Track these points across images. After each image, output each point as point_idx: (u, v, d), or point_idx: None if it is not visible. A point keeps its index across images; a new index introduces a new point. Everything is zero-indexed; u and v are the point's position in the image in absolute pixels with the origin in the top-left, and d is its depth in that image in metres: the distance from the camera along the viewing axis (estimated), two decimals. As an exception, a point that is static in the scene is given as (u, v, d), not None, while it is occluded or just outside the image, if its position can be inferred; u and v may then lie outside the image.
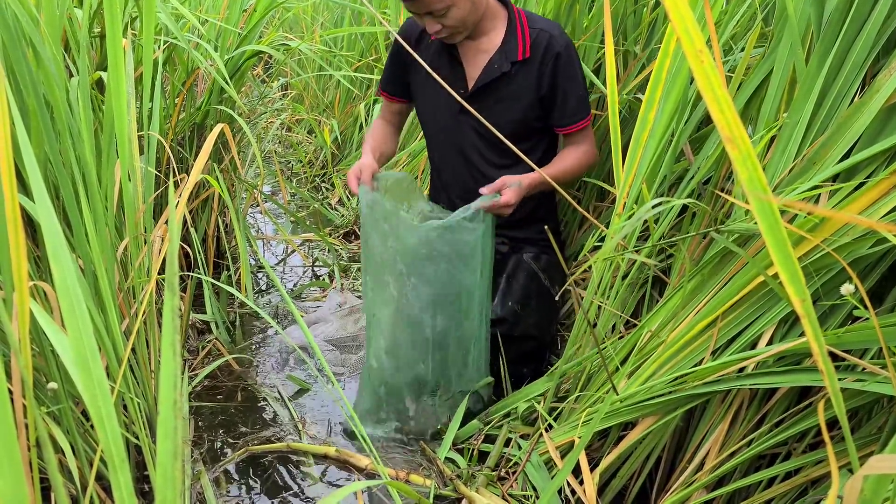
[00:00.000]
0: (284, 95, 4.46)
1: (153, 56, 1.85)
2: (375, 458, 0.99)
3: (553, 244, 1.25)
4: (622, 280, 1.43)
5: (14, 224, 0.68)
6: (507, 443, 1.50)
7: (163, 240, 1.55)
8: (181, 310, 1.80)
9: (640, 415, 1.28)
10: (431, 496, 1.39)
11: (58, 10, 1.28)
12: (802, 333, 1.10)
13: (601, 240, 1.45)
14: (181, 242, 1.99)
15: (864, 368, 1.00)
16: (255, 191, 2.52)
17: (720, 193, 1.29)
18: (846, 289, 0.85)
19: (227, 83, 1.91)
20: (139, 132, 1.51)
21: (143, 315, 1.34)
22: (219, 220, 2.28)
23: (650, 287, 1.52)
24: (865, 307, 0.88)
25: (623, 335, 1.48)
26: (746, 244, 1.18)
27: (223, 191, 1.83)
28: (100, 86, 1.79)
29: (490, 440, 1.55)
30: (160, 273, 1.44)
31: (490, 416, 1.60)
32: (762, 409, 1.20)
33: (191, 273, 1.93)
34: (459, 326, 1.54)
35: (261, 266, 2.50)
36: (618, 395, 1.29)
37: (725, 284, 1.22)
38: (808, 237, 1.05)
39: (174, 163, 1.83)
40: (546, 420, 1.45)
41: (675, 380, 1.22)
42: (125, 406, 1.29)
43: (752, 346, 1.16)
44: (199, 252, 1.81)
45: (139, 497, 1.36)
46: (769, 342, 1.14)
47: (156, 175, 1.63)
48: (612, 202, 1.83)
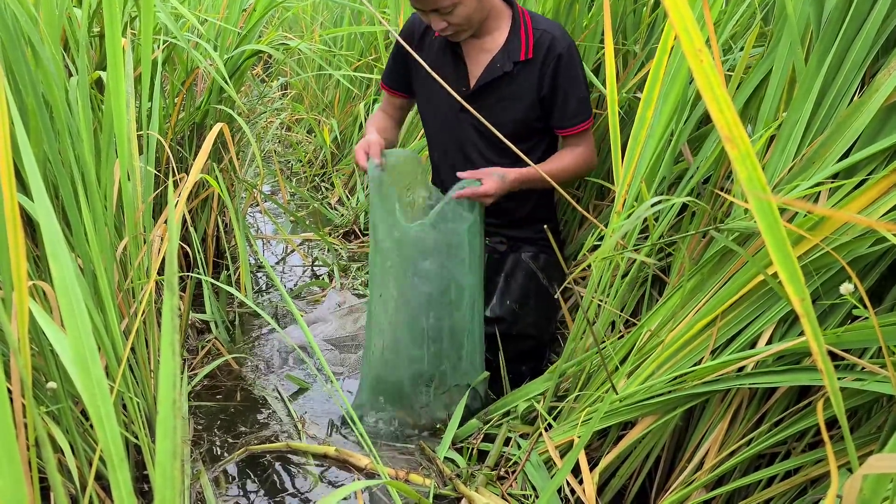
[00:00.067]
0: (284, 95, 4.46)
1: (153, 56, 1.85)
2: (375, 458, 0.99)
3: (552, 243, 1.25)
4: (622, 279, 1.43)
5: (13, 223, 0.68)
6: (507, 442, 1.50)
7: (162, 239, 1.55)
8: (180, 309, 1.80)
9: (640, 414, 1.28)
10: (431, 496, 1.39)
11: (57, 10, 1.28)
12: (802, 333, 1.10)
13: (601, 239, 1.45)
14: (181, 242, 1.99)
15: (864, 368, 1.00)
16: (255, 190, 2.52)
17: (720, 193, 1.29)
18: (845, 288, 0.85)
19: (227, 83, 1.91)
20: (138, 132, 1.51)
21: (143, 314, 1.34)
22: (218, 220, 2.28)
23: (650, 286, 1.52)
24: (865, 306, 0.88)
25: (623, 334, 1.48)
26: (746, 243, 1.18)
27: (222, 190, 1.83)
28: (99, 85, 1.79)
29: (489, 439, 1.55)
30: (159, 273, 1.44)
31: (489, 415, 1.60)
32: (761, 409, 1.20)
33: (190, 272, 1.93)
34: (450, 318, 1.56)
35: (260, 265, 2.50)
36: (617, 395, 1.29)
37: (725, 284, 1.22)
38: (808, 236, 1.05)
39: (173, 162, 1.83)
40: (545, 419, 1.45)
41: (675, 379, 1.22)
42: (124, 405, 1.29)
43: (752, 346, 1.16)
44: (199, 251, 1.81)
45: (138, 496, 1.36)
46: (768, 341, 1.14)
47: (155, 175, 1.63)
48: (612, 201, 1.83)
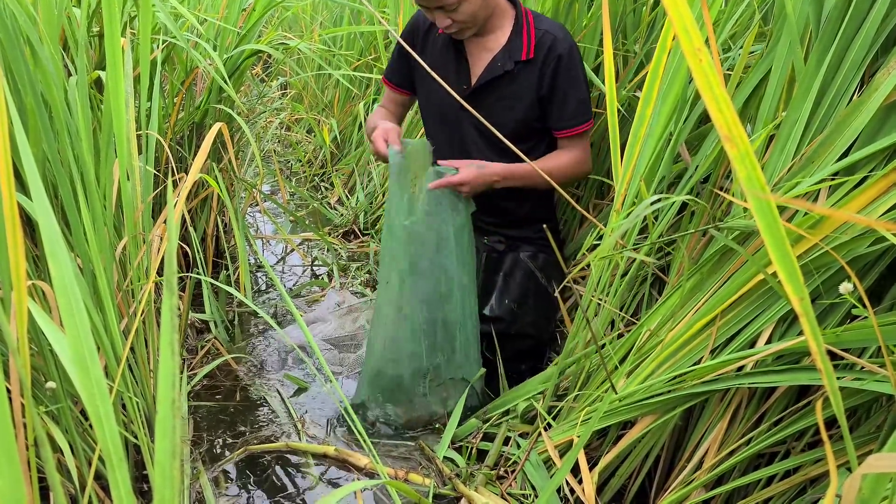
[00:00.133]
0: (283, 95, 4.46)
1: (152, 55, 1.85)
2: (374, 457, 0.99)
3: (551, 243, 1.25)
4: (621, 278, 1.43)
5: (12, 223, 0.68)
6: (506, 441, 1.50)
7: (161, 239, 1.55)
8: (180, 309, 1.80)
9: (639, 414, 1.28)
10: (430, 495, 1.39)
11: (56, 9, 1.28)
12: (801, 332, 1.10)
13: (600, 238, 1.45)
14: (180, 242, 1.99)
15: (863, 367, 1.00)
16: (254, 190, 2.52)
17: (719, 192, 1.29)
18: (845, 287, 0.84)
19: (226, 82, 1.90)
20: (138, 131, 1.51)
21: (142, 314, 1.34)
22: (218, 220, 2.28)
23: (649, 286, 1.52)
24: (864, 306, 0.88)
25: (622, 332, 1.48)
26: (745, 242, 1.18)
27: (222, 190, 1.82)
28: (98, 85, 1.79)
29: (489, 438, 1.55)
30: (159, 272, 1.44)
31: (489, 414, 1.60)
32: (761, 408, 1.20)
33: (190, 272, 1.93)
34: (441, 310, 1.57)
35: (260, 265, 2.50)
36: (616, 394, 1.29)
37: (724, 283, 1.22)
38: (807, 236, 1.05)
39: (173, 162, 1.83)
40: (545, 419, 1.45)
41: (674, 379, 1.22)
42: (124, 405, 1.29)
43: (751, 345, 1.16)
44: (198, 251, 1.81)
45: (138, 496, 1.36)
46: (768, 341, 1.14)
47: (154, 174, 1.63)
48: (613, 200, 1.83)
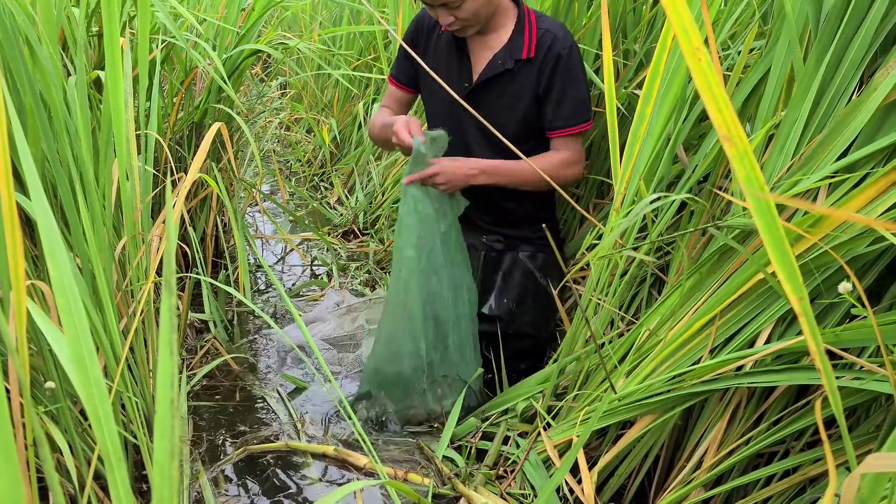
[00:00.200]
0: (283, 94, 4.46)
1: (151, 55, 1.85)
2: (374, 457, 0.99)
3: (551, 243, 1.25)
4: (620, 278, 1.43)
5: (11, 223, 0.68)
6: (506, 441, 1.50)
7: (161, 239, 1.55)
8: (179, 309, 1.80)
9: (639, 413, 1.28)
10: (430, 495, 1.39)
11: (55, 9, 1.28)
12: (800, 332, 1.10)
13: (599, 237, 1.45)
14: (179, 241, 1.99)
15: (862, 367, 1.00)
16: (254, 190, 2.52)
17: (718, 192, 1.29)
18: (844, 287, 0.84)
19: (226, 82, 1.90)
20: (137, 131, 1.51)
21: (141, 314, 1.33)
22: (217, 220, 2.28)
23: (649, 285, 1.52)
24: (863, 305, 0.88)
25: (622, 331, 1.48)
26: (745, 242, 1.18)
27: (221, 190, 1.82)
28: (97, 85, 1.78)
29: (488, 438, 1.54)
30: (158, 272, 1.43)
31: (487, 413, 1.60)
32: (760, 408, 1.20)
33: (189, 272, 1.93)
34: (432, 307, 1.57)
35: (259, 265, 2.50)
36: (616, 394, 1.29)
37: (724, 282, 1.22)
38: (806, 235, 1.05)
39: (172, 162, 1.83)
40: (544, 418, 1.45)
41: (674, 378, 1.22)
42: (123, 405, 1.29)
43: (751, 345, 1.16)
44: (198, 251, 1.81)
45: (137, 496, 1.36)
46: (767, 340, 1.14)
47: (154, 174, 1.63)
48: (612, 199, 1.83)
